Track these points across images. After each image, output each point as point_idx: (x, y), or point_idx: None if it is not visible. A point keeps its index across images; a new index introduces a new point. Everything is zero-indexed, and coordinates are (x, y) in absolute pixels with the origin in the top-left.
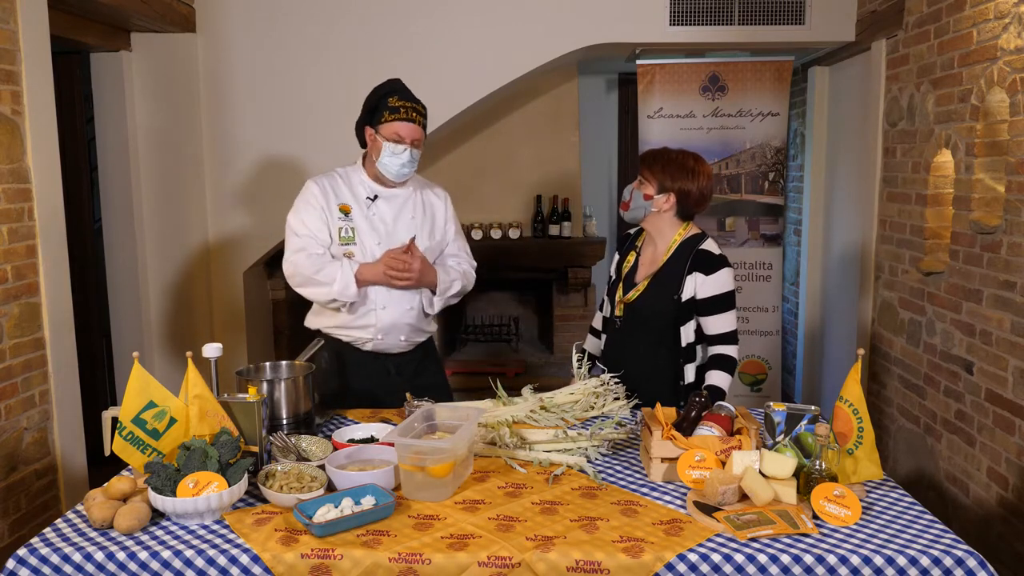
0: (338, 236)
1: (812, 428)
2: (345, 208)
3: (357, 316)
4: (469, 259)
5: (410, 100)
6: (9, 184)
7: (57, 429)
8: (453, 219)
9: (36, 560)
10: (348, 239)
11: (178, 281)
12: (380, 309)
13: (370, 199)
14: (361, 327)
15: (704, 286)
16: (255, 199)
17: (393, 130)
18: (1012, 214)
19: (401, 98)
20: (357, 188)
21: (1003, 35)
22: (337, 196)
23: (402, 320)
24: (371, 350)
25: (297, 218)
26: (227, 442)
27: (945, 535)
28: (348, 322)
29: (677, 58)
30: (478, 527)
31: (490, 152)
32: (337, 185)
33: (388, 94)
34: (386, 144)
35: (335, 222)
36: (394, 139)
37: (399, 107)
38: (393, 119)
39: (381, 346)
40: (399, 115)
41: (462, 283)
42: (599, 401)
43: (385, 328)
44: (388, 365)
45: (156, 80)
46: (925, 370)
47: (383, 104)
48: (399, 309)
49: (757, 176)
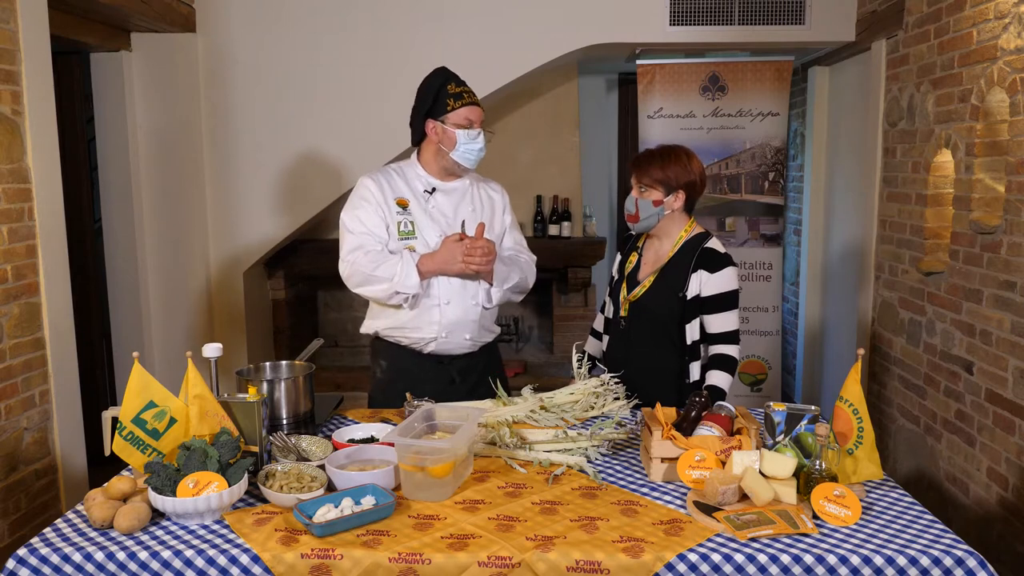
0: (397, 231)
1: (812, 428)
2: (403, 202)
3: (420, 312)
4: (528, 254)
5: (465, 84)
6: (9, 184)
7: (57, 429)
8: (511, 213)
9: (36, 560)
10: (408, 233)
11: (178, 281)
12: (444, 304)
13: (428, 192)
14: (424, 325)
15: (708, 284)
16: (255, 199)
17: (463, 116)
18: (1012, 214)
19: (457, 84)
20: (414, 182)
21: (1003, 35)
22: (393, 190)
23: (467, 316)
24: (433, 352)
25: (352, 215)
26: (227, 442)
27: (945, 535)
28: (409, 322)
29: (677, 58)
30: (478, 527)
31: (490, 152)
32: (392, 180)
33: (445, 83)
34: (459, 132)
35: (393, 217)
36: (466, 125)
37: (461, 92)
38: (460, 105)
39: (445, 346)
40: (464, 100)
41: (520, 273)
42: (599, 401)
43: (450, 324)
44: (451, 371)
45: (156, 80)
46: (925, 370)
47: (443, 94)
48: (464, 304)
49: (757, 176)
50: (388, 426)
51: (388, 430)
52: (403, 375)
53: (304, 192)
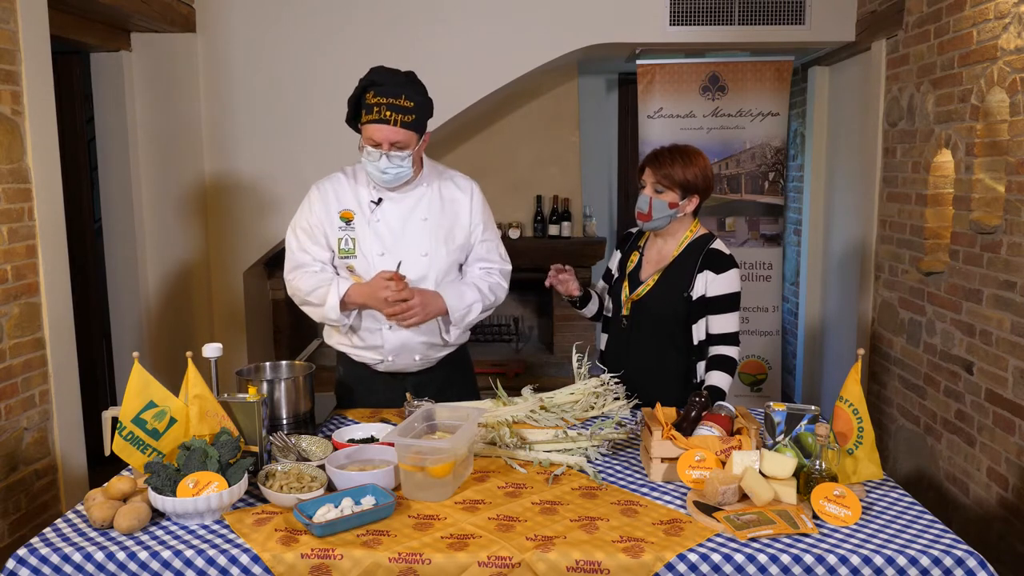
0: (337, 248)
1: (812, 428)
2: (347, 215)
3: (365, 338)
4: (502, 262)
5: (389, 95)
6: (9, 184)
7: (57, 429)
8: (481, 213)
9: (36, 560)
10: (348, 252)
11: (178, 281)
12: (387, 329)
13: (374, 203)
14: (370, 348)
15: (713, 285)
16: (255, 199)
17: (367, 134)
18: (1012, 214)
19: (378, 94)
20: (361, 190)
21: (1003, 35)
22: (339, 202)
23: (413, 340)
24: (385, 370)
25: (293, 232)
26: (227, 442)
27: (945, 535)
28: (356, 343)
29: (677, 58)
30: (478, 527)
31: (490, 152)
32: (340, 188)
33: (366, 88)
34: (366, 148)
35: (335, 232)
36: (369, 143)
37: (373, 105)
38: (367, 120)
39: (394, 367)
40: (372, 115)
41: (483, 304)
42: (599, 401)
43: (395, 349)
44: (405, 385)
45: (156, 80)
46: (925, 370)
47: (362, 101)
48: (407, 329)
49: (757, 176)
50: (388, 426)
51: (388, 430)
52: (359, 383)
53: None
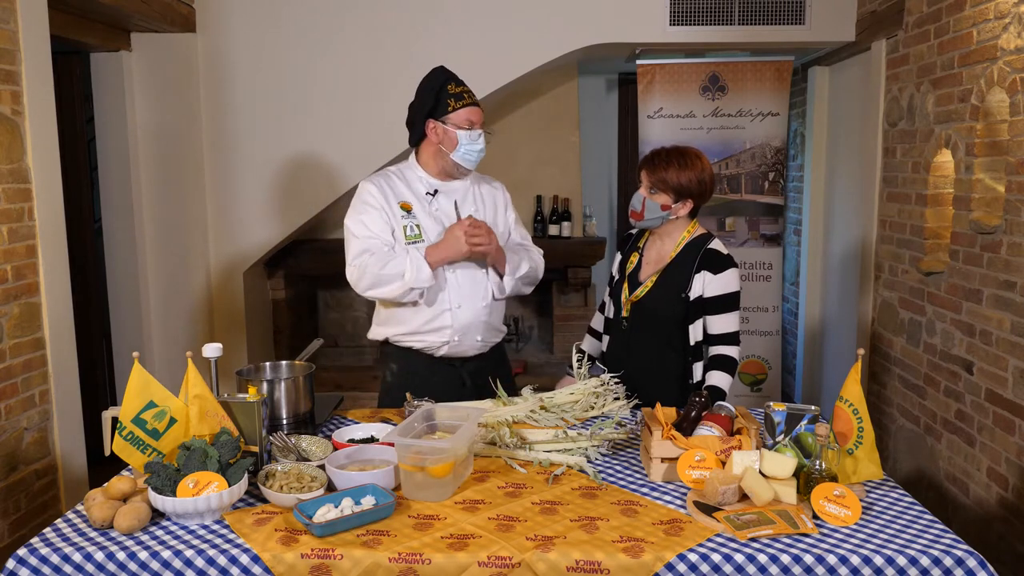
0: (404, 234)
1: (812, 428)
2: (406, 206)
3: (431, 318)
4: (534, 247)
5: (464, 84)
6: (9, 184)
7: (57, 429)
8: (512, 210)
9: (36, 560)
10: (415, 236)
11: (178, 281)
12: (456, 308)
13: (430, 194)
14: (436, 330)
15: (711, 285)
16: (255, 199)
17: (464, 117)
18: (1012, 214)
19: (457, 84)
20: (415, 184)
21: (1003, 35)
22: (396, 194)
23: (478, 318)
24: (445, 355)
25: (356, 220)
26: (227, 442)
27: (945, 535)
28: (421, 327)
29: (677, 58)
30: (478, 527)
31: (490, 152)
32: (394, 183)
33: (445, 82)
34: (460, 133)
35: (398, 220)
36: (467, 126)
37: (461, 93)
38: (461, 106)
39: (457, 349)
40: (464, 101)
41: (531, 262)
42: (599, 401)
43: (462, 327)
44: (463, 373)
45: (156, 80)
46: (925, 370)
47: (444, 94)
48: (474, 306)
49: (757, 176)
50: (388, 426)
51: (388, 430)
52: (414, 378)
53: (304, 192)
